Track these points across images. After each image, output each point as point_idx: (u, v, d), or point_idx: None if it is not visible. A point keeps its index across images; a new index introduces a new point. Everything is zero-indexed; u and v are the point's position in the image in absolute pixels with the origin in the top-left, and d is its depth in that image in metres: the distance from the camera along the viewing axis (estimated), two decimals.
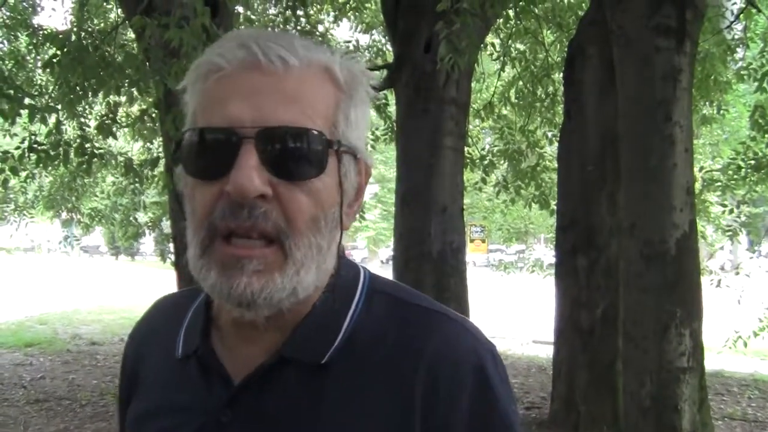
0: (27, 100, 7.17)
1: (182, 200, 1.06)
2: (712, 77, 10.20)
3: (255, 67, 0.99)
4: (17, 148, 7.83)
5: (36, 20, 11.26)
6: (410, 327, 1.08)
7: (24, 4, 11.18)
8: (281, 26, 11.24)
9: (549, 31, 11.13)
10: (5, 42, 11.68)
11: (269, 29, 11.87)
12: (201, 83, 1.03)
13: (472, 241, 42.97)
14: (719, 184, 11.10)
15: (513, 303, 21.52)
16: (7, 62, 10.82)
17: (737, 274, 11.68)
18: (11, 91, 6.30)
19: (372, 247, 48.12)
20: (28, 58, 11.69)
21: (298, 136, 0.98)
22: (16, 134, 10.33)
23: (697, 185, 11.08)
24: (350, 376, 1.04)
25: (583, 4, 9.81)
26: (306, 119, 0.99)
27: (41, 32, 10.29)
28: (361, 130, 1.08)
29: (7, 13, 11.34)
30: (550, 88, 11.16)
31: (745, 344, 10.11)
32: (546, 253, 26.93)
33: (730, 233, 11.07)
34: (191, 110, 1.05)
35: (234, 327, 1.09)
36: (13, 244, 45.75)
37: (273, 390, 1.05)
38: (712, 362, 10.13)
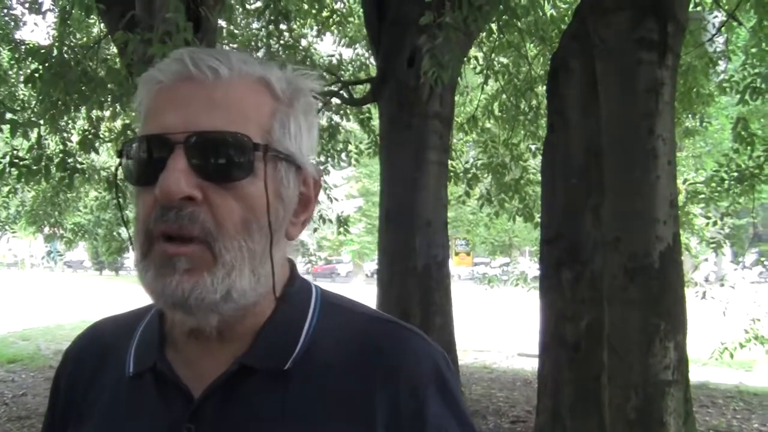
0: (8, 115, 7.13)
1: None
2: (695, 90, 10.24)
3: (187, 78, 1.04)
4: None
5: (18, 34, 11.21)
6: (368, 335, 1.11)
7: (6, 18, 11.12)
8: (264, 41, 11.24)
9: (532, 45, 11.16)
10: None
11: (252, 44, 11.89)
12: (144, 97, 1.09)
13: (456, 254, 43.05)
14: (703, 196, 11.14)
15: (498, 316, 21.53)
16: None
17: (722, 285, 11.71)
18: None
19: (357, 261, 48.08)
20: (10, 72, 11.64)
21: (225, 139, 1.01)
22: None
23: (681, 197, 11.11)
24: (312, 382, 1.06)
25: (566, 18, 9.85)
26: (234, 125, 1.02)
27: (23, 47, 10.25)
28: (304, 140, 1.12)
29: None
30: (534, 102, 11.18)
31: (732, 356, 10.14)
32: (530, 266, 26.96)
33: (714, 245, 11.10)
34: (139, 123, 1.09)
35: (189, 340, 1.10)
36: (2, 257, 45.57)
37: (236, 399, 1.06)
38: (696, 374, 10.16)
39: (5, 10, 10.89)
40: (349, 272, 50.96)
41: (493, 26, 9.84)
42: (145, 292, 1.04)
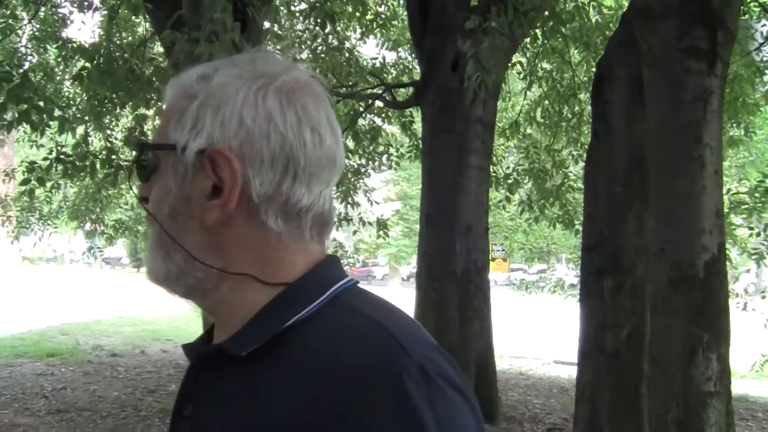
0: (57, 112, 7.23)
1: None
2: (740, 99, 10.13)
3: None
4: (45, 158, 7.89)
5: (65, 33, 11.36)
6: (341, 337, 1.03)
7: (54, 17, 11.27)
8: (309, 42, 11.30)
9: (576, 51, 11.11)
10: (35, 54, 11.79)
11: (296, 46, 11.95)
12: None
13: (493, 260, 42.88)
14: (746, 206, 11.00)
15: (534, 323, 21.42)
16: (36, 74, 10.93)
17: (763, 297, 11.56)
18: (41, 103, 6.35)
19: (393, 264, 48.05)
20: (56, 70, 11.79)
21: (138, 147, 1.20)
22: (42, 145, 10.42)
23: (724, 207, 10.99)
24: (273, 373, 1.04)
25: (611, 24, 9.79)
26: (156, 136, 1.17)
27: (70, 45, 10.38)
28: (211, 126, 1.10)
29: (37, 26, 11.46)
30: (577, 108, 11.13)
31: None
32: (567, 273, 26.80)
33: (756, 256, 10.96)
34: None
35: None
36: (36, 255, 46.15)
37: (215, 383, 1.10)
38: (736, 386, 10.03)
39: (53, 9, 11.03)
40: (385, 275, 50.92)
41: (538, 32, 9.81)
42: None
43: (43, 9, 10.92)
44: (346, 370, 0.98)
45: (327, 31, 10.41)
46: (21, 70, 6.31)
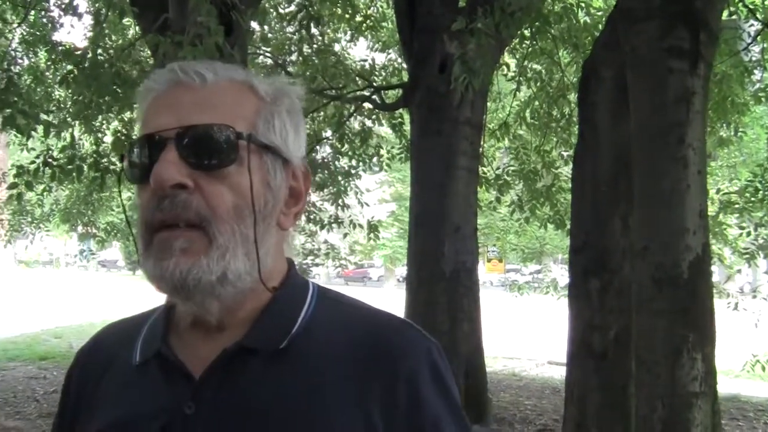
0: (42, 116, 7.22)
1: None
2: (730, 99, 10.12)
3: (177, 83, 1.15)
4: (32, 162, 7.88)
5: (56, 36, 11.35)
6: (364, 325, 1.20)
7: (43, 20, 11.26)
8: (297, 45, 11.29)
9: (565, 52, 11.10)
10: (24, 58, 11.77)
11: (285, 48, 11.95)
12: (141, 105, 1.19)
13: (489, 261, 42.95)
14: (737, 206, 11.00)
15: (529, 323, 21.43)
16: (26, 78, 10.92)
17: (755, 297, 11.56)
18: (26, 107, 6.35)
19: (389, 266, 47.99)
20: (47, 73, 11.78)
21: (210, 130, 1.11)
22: (33, 148, 10.42)
23: (715, 207, 11.00)
24: (308, 364, 1.13)
25: (600, 25, 9.78)
26: (221, 120, 1.12)
27: (60, 48, 10.37)
28: (290, 137, 1.21)
29: (27, 30, 11.44)
30: (566, 109, 11.12)
31: (764, 368, 10.00)
32: (563, 273, 26.79)
33: (747, 256, 10.96)
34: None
35: (193, 329, 1.19)
36: (32, 258, 46.11)
37: (234, 379, 1.13)
38: (727, 386, 10.04)
39: (42, 12, 11.02)
40: (381, 277, 50.89)
41: (526, 33, 9.81)
42: (148, 280, 1.13)
43: (32, 13, 10.90)
44: (388, 352, 1.15)
45: (314, 33, 10.40)
46: (5, 75, 6.28)
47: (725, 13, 7.94)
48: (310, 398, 1.10)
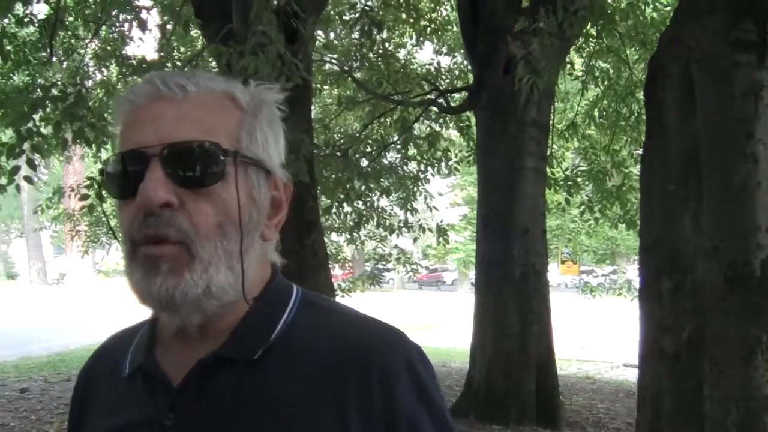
0: (111, 129, 7.37)
1: None
2: None
3: (158, 96, 1.13)
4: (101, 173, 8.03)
5: (126, 50, 11.58)
6: (342, 331, 1.19)
7: (114, 35, 11.51)
8: (361, 51, 11.34)
9: (633, 49, 10.94)
10: (96, 72, 12.05)
11: (351, 55, 12.01)
12: (120, 119, 1.18)
13: (563, 262, 42.51)
14: None
15: (604, 325, 21.15)
16: (98, 91, 11.17)
17: None
18: (94, 120, 6.49)
19: (462, 269, 47.81)
20: (118, 86, 12.03)
21: (195, 148, 1.10)
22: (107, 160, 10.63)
23: None
24: (284, 372, 1.14)
25: (668, 21, 9.62)
26: (204, 135, 1.11)
27: (130, 62, 10.60)
28: (271, 147, 1.20)
29: (99, 45, 11.72)
30: (635, 107, 10.96)
31: None
32: (638, 274, 26.34)
33: None
34: (117, 143, 1.18)
35: (175, 340, 1.19)
36: (110, 267, 47.14)
37: (211, 388, 1.14)
38: None
39: (112, 27, 11.26)
40: (455, 280, 50.76)
41: (592, 31, 9.70)
42: (132, 293, 1.13)
43: (103, 28, 11.16)
44: (363, 356, 1.14)
45: (376, 38, 10.43)
46: (74, 89, 6.43)
47: None
48: (284, 408, 1.11)
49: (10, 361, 14.23)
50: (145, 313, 1.24)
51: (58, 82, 7.19)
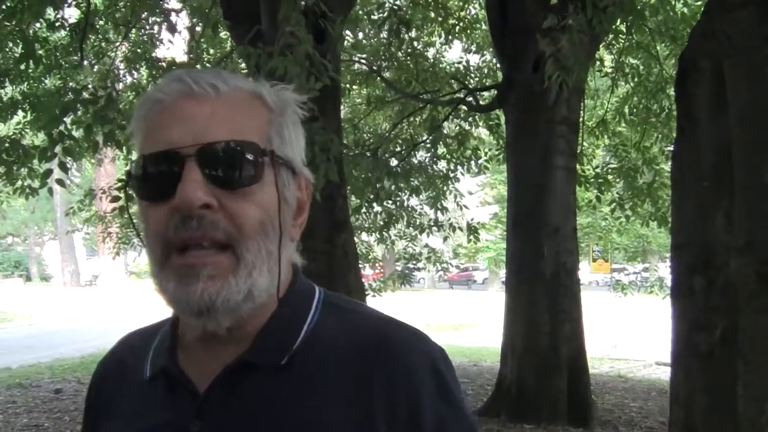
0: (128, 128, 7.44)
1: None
2: None
3: (189, 95, 1.10)
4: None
5: (156, 53, 11.67)
6: (366, 333, 1.18)
7: (144, 37, 11.59)
8: (390, 50, 11.34)
9: (663, 45, 10.86)
10: (127, 75, 12.14)
11: (380, 54, 12.02)
12: (145, 117, 1.14)
13: (594, 260, 42.23)
14: None
15: (636, 323, 21.00)
16: (129, 94, 11.26)
17: None
18: (125, 123, 6.55)
19: (493, 268, 47.64)
20: (149, 89, 12.10)
21: (233, 148, 1.08)
22: None
23: None
24: (311, 377, 1.13)
25: (698, 16, 9.53)
26: (238, 135, 1.09)
27: (160, 64, 10.67)
28: (296, 147, 1.20)
29: (129, 48, 11.81)
30: (666, 103, 10.88)
31: None
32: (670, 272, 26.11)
33: None
34: (139, 143, 1.14)
35: (199, 343, 1.17)
36: (142, 269, 47.48)
37: (238, 394, 1.12)
38: None
39: (142, 30, 11.35)
40: (486, 279, 50.59)
41: (622, 27, 9.63)
42: (166, 302, 1.12)
43: (133, 31, 11.24)
44: (387, 359, 1.13)
45: (405, 37, 10.44)
46: (105, 92, 6.49)
47: None
48: (310, 415, 1.10)
49: (44, 363, 14.38)
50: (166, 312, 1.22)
51: (89, 86, 7.26)
